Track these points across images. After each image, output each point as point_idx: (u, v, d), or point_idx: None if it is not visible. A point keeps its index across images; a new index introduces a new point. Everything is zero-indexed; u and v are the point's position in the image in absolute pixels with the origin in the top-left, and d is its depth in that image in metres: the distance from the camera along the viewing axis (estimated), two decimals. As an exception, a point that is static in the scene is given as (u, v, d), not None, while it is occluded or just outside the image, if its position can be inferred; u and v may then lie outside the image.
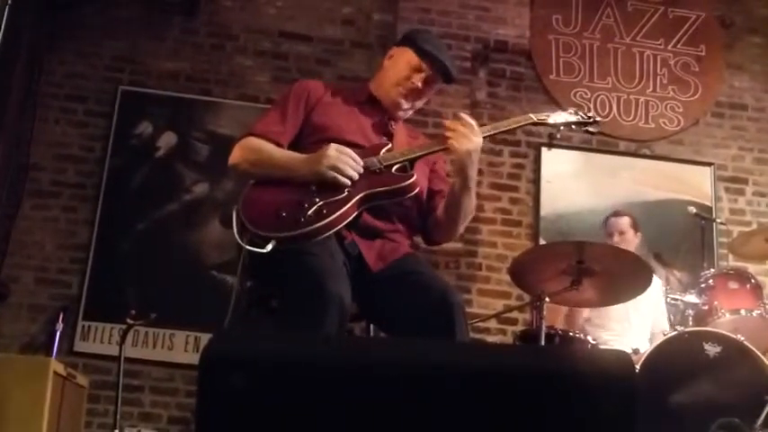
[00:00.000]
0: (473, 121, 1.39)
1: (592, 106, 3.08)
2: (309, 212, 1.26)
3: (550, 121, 1.47)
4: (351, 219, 1.30)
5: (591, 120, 1.50)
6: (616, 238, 2.35)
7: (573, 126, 1.50)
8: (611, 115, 3.10)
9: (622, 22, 3.21)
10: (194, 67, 2.97)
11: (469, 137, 1.36)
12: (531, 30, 3.13)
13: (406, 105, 1.48)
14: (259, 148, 1.38)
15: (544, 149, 2.99)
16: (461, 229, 1.47)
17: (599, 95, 3.13)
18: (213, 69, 2.98)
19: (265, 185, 1.34)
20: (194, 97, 2.94)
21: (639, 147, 3.11)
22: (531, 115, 1.47)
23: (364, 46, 3.06)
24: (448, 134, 1.38)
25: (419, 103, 1.52)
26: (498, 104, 3.06)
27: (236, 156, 1.40)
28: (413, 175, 1.35)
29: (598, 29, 3.20)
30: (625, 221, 2.40)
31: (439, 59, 1.46)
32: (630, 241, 2.36)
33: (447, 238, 1.50)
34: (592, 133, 1.56)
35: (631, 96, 3.14)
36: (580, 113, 1.50)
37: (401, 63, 1.48)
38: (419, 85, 1.46)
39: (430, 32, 1.63)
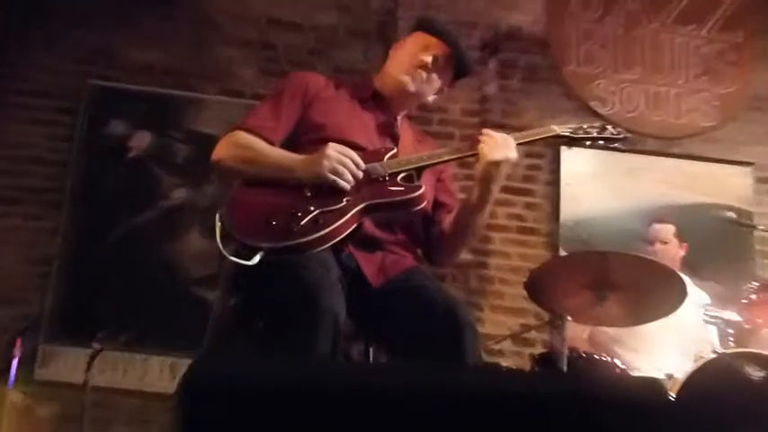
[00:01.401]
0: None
1: (616, 100, 3.09)
2: (303, 222, 1.25)
3: (575, 136, 1.47)
4: (349, 232, 1.29)
5: (621, 136, 1.49)
6: (657, 247, 2.35)
7: (601, 142, 1.49)
8: (639, 110, 3.11)
9: (649, 6, 3.22)
10: (172, 59, 2.98)
11: (503, 148, 1.36)
12: (546, 15, 3.15)
13: (412, 87, 1.47)
14: (249, 145, 1.38)
15: (563, 148, 2.99)
16: (463, 250, 1.47)
17: (624, 88, 3.14)
18: (193, 61, 2.99)
19: (254, 188, 1.33)
20: (172, 92, 2.94)
21: (670, 145, 3.12)
22: (555, 127, 1.47)
23: (362, 35, 3.07)
24: (481, 138, 1.38)
25: (428, 90, 1.51)
26: (511, 99, 3.07)
27: (221, 151, 1.39)
28: (420, 187, 1.34)
29: (622, 14, 3.21)
30: (669, 230, 2.39)
31: (452, 36, 1.48)
32: (673, 252, 2.36)
33: (447, 259, 1.50)
34: (620, 150, 1.56)
35: (660, 89, 3.15)
36: (609, 129, 1.50)
37: (409, 45, 1.50)
38: (428, 60, 1.46)
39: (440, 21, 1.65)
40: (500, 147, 1.36)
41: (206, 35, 3.03)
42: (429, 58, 1.46)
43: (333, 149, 1.31)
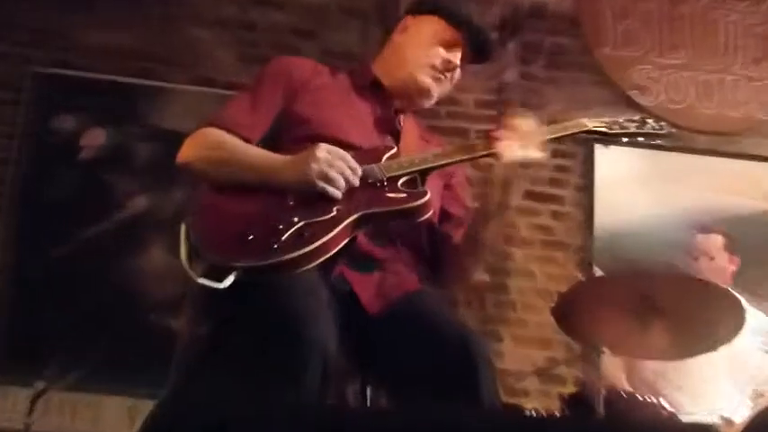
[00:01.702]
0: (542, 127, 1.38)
1: (660, 89, 3.10)
2: (286, 236, 1.24)
3: (610, 131, 1.46)
4: (341, 247, 1.28)
5: (664, 132, 1.49)
6: (703, 264, 2.36)
7: (641, 138, 1.49)
8: (686, 101, 3.12)
9: (698, -22, 3.25)
10: (133, 42, 3.00)
11: (529, 144, 1.35)
12: (577, -11, 3.18)
13: (436, 91, 1.51)
14: (222, 144, 1.38)
15: (598, 146, 3.00)
16: (476, 269, 1.47)
17: (669, 75, 3.15)
18: (158, 44, 3.01)
19: (226, 195, 1.33)
20: (132, 81, 2.96)
21: (722, 142, 3.13)
22: (586, 121, 1.46)
23: (358, 14, 3.09)
24: (496, 134, 1.36)
25: (448, 89, 1.54)
26: (533, 87, 3.08)
27: (189, 152, 1.39)
28: (426, 193, 1.34)
29: (666, -13, 3.24)
30: (717, 242, 2.40)
31: (479, 28, 1.49)
32: (722, 268, 2.37)
33: (456, 279, 1.51)
34: (664, 148, 1.57)
35: (711, 76, 3.17)
36: (650, 123, 1.50)
37: (426, 36, 1.50)
38: (458, 63, 1.48)
39: None
40: (526, 142, 1.35)
41: (174, 13, 3.05)
42: (458, 60, 1.48)
43: (322, 151, 1.31)
